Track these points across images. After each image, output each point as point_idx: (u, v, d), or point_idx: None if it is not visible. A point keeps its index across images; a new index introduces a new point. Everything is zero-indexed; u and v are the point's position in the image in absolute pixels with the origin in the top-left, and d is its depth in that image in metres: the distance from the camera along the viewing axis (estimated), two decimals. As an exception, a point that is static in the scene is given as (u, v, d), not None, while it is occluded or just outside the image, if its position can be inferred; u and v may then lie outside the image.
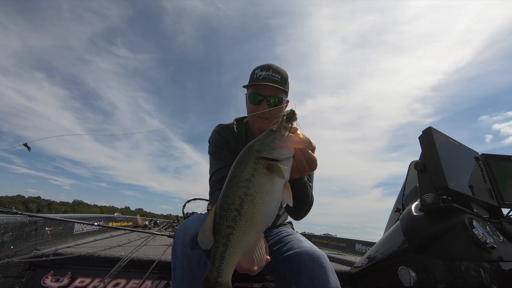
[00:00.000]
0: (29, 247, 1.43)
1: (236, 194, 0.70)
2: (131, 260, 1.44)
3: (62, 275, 1.37)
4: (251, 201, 0.69)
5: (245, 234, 0.70)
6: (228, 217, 0.70)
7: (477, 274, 1.04)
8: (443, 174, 1.14)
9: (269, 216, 0.72)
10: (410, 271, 1.20)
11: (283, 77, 1.32)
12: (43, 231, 1.58)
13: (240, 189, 0.70)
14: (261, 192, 0.69)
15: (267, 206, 0.70)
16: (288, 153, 0.73)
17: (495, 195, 1.33)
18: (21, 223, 1.40)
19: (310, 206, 1.23)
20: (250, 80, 1.35)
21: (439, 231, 1.15)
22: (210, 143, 1.43)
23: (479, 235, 1.05)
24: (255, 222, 0.70)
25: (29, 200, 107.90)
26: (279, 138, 0.73)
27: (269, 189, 0.70)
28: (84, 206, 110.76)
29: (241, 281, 1.51)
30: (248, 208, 0.69)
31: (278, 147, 0.71)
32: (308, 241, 1.24)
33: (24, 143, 1.15)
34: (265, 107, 1.28)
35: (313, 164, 0.79)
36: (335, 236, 5.07)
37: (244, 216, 0.69)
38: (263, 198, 0.69)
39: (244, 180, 0.70)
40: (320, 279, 1.01)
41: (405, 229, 1.30)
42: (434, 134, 1.24)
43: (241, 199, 0.69)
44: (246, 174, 0.71)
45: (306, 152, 0.77)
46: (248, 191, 0.69)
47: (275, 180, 0.70)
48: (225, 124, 1.46)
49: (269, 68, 1.31)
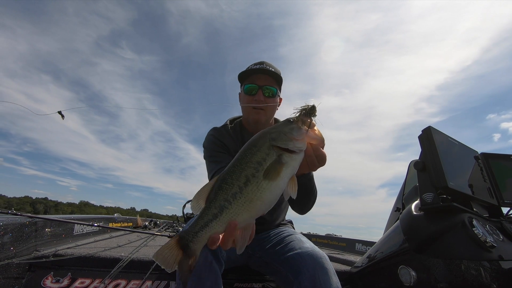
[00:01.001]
0: (29, 248, 1.43)
1: (243, 172, 0.68)
2: (131, 261, 1.44)
3: (62, 276, 1.37)
4: (256, 184, 0.67)
5: (239, 213, 0.68)
6: (228, 191, 0.68)
7: (477, 273, 1.04)
8: (443, 174, 1.14)
9: (269, 203, 0.71)
10: (410, 271, 1.20)
11: (277, 70, 1.36)
12: (43, 232, 1.58)
13: (249, 169, 0.68)
14: (269, 179, 0.68)
15: (270, 193, 0.69)
16: (303, 147, 0.72)
17: (494, 194, 1.33)
18: (21, 224, 1.39)
19: (314, 200, 1.25)
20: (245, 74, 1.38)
21: (439, 231, 1.15)
22: (205, 147, 1.41)
23: (479, 234, 1.05)
24: (253, 205, 0.68)
25: (37, 201, 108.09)
26: (297, 130, 0.72)
27: (277, 177, 0.68)
28: (90, 207, 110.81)
29: (241, 281, 1.51)
30: (252, 190, 0.67)
31: (295, 139, 0.71)
32: (309, 242, 1.24)
33: (59, 111, 1.17)
34: (260, 97, 1.31)
35: (322, 161, 0.80)
36: (336, 236, 5.07)
37: (245, 196, 0.67)
38: (269, 184, 0.68)
39: (255, 162, 0.69)
40: (322, 280, 1.01)
41: (405, 228, 1.30)
42: (434, 133, 1.24)
43: (247, 179, 0.68)
44: (258, 157, 0.69)
45: (317, 148, 0.78)
46: (256, 173, 0.68)
47: (287, 171, 0.70)
48: (219, 126, 1.46)
49: (262, 63, 1.38)
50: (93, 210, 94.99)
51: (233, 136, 1.40)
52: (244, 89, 1.36)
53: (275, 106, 1.40)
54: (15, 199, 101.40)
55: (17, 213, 1.45)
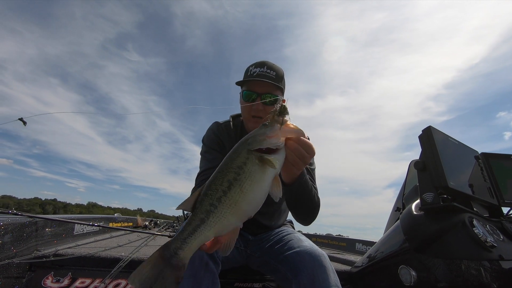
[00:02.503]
0: (30, 248, 1.43)
1: (225, 177, 0.69)
2: (132, 261, 1.44)
3: (62, 276, 1.37)
4: (239, 186, 0.68)
5: (225, 217, 0.68)
6: (213, 195, 0.69)
7: (477, 273, 1.04)
8: (443, 173, 1.14)
9: (254, 205, 0.71)
10: (410, 270, 1.20)
11: (278, 75, 1.27)
12: (44, 232, 1.58)
13: (230, 173, 0.69)
14: (251, 180, 0.69)
15: (254, 194, 0.69)
16: (278, 143, 0.73)
17: (495, 194, 1.33)
18: (21, 224, 1.39)
19: (316, 209, 1.14)
20: (244, 77, 1.30)
21: (440, 230, 1.15)
22: (204, 143, 1.41)
23: (479, 234, 1.05)
24: (239, 208, 0.69)
25: (46, 202, 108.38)
26: (269, 129, 0.73)
27: (259, 179, 0.69)
28: (98, 208, 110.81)
29: (241, 281, 1.51)
30: (235, 192, 0.68)
31: (268, 137, 0.72)
32: (308, 240, 1.24)
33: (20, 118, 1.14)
34: (259, 106, 1.24)
35: (309, 149, 0.78)
36: (336, 236, 5.07)
37: (230, 198, 0.68)
38: (252, 186, 0.69)
39: (236, 166, 0.70)
40: (320, 278, 1.01)
41: (405, 228, 1.30)
42: (434, 133, 1.24)
43: (230, 183, 0.69)
44: (238, 161, 0.70)
45: (299, 139, 0.77)
46: (238, 176, 0.69)
47: (266, 171, 0.70)
48: (221, 122, 1.44)
49: (263, 65, 1.26)
50: (100, 211, 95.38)
51: (232, 134, 1.39)
52: (242, 94, 1.29)
53: None
54: (25, 201, 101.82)
55: (17, 213, 1.45)
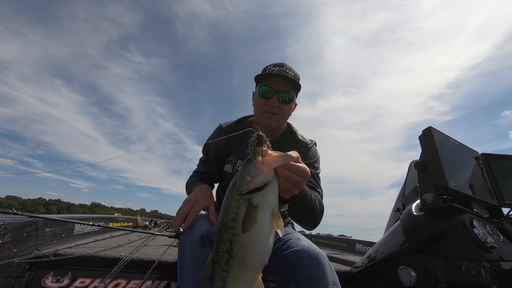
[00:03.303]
0: (30, 248, 1.43)
1: (225, 236, 0.68)
2: (132, 261, 1.44)
3: (62, 276, 1.37)
4: (239, 242, 0.66)
5: (240, 276, 0.67)
6: (221, 260, 0.68)
7: (477, 273, 1.04)
8: (443, 174, 1.14)
9: (262, 253, 0.68)
10: (410, 271, 1.20)
11: (296, 76, 1.30)
12: (44, 231, 1.58)
13: (228, 230, 0.68)
14: (248, 230, 0.66)
15: (257, 243, 0.67)
16: (265, 178, 0.68)
17: (495, 195, 1.33)
18: (21, 224, 1.39)
19: (318, 216, 1.15)
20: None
21: (440, 231, 1.15)
22: (204, 147, 1.51)
23: (480, 235, 1.05)
24: (248, 262, 0.67)
25: (50, 202, 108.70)
26: (252, 167, 0.69)
27: (255, 225, 0.66)
28: (101, 208, 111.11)
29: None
30: (238, 250, 0.66)
31: (253, 176, 0.68)
32: (307, 240, 1.24)
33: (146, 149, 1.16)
34: (275, 102, 1.25)
35: (302, 173, 0.75)
36: (336, 236, 5.07)
37: (236, 258, 0.67)
38: (251, 236, 0.66)
39: (230, 220, 0.68)
40: (318, 276, 1.01)
41: (405, 228, 1.30)
42: (434, 134, 1.24)
43: (230, 241, 0.67)
44: (231, 214, 0.68)
45: (289, 165, 0.73)
46: (235, 231, 0.67)
47: (261, 212, 0.67)
48: (225, 125, 1.47)
49: (282, 65, 1.28)
50: (104, 211, 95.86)
51: (233, 139, 1.40)
52: (259, 91, 1.30)
53: (288, 112, 1.35)
54: (29, 201, 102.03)
55: (17, 212, 1.45)
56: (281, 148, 1.38)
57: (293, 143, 1.42)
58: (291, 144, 1.41)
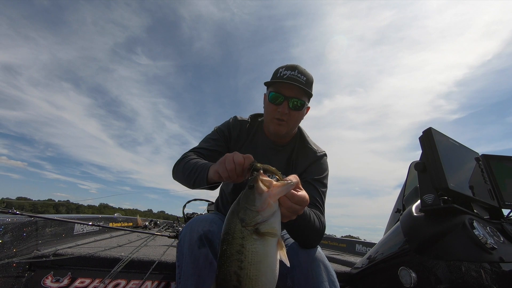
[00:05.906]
0: (29, 248, 1.43)
1: (231, 269, 0.65)
2: (131, 261, 1.44)
3: (62, 276, 1.37)
4: (247, 276, 0.64)
5: None
6: None
7: (477, 275, 1.04)
8: (444, 175, 1.14)
9: (270, 283, 0.66)
10: (410, 272, 1.20)
11: (308, 80, 1.22)
12: (44, 231, 1.58)
13: (234, 263, 0.65)
14: (256, 263, 0.64)
15: (265, 275, 0.65)
16: (272, 210, 0.67)
17: (495, 196, 1.33)
18: (21, 224, 1.39)
19: (318, 235, 1.09)
20: (273, 78, 1.25)
21: (440, 232, 1.15)
22: (215, 129, 1.39)
23: (480, 236, 1.05)
24: None
25: (59, 204, 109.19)
26: (259, 200, 0.67)
27: (263, 257, 0.65)
28: (109, 209, 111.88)
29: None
30: (246, 284, 0.64)
31: (261, 209, 0.66)
32: None
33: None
34: (285, 109, 1.18)
35: (302, 202, 0.74)
36: (336, 237, 5.06)
37: None
38: (259, 269, 0.64)
39: (236, 252, 0.65)
40: (314, 273, 1.02)
41: (405, 229, 1.30)
42: (435, 134, 1.24)
43: (237, 275, 0.64)
44: (236, 245, 0.65)
45: (291, 195, 0.72)
46: (241, 264, 0.64)
47: (268, 242, 0.66)
48: (240, 118, 1.41)
49: (294, 69, 1.20)
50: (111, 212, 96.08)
51: (244, 134, 1.37)
52: (269, 96, 1.23)
53: (299, 119, 1.28)
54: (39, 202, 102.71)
55: (17, 212, 1.45)
56: (291, 154, 1.35)
57: (303, 150, 1.36)
58: (301, 151, 1.36)
